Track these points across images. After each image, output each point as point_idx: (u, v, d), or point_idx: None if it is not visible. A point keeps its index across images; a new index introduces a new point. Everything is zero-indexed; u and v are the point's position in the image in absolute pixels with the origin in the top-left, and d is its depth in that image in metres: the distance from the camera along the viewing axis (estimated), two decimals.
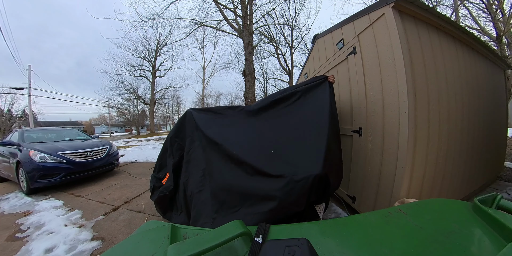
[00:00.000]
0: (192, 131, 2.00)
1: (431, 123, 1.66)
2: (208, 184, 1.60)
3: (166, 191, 1.94)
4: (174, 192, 1.93)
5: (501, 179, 3.18)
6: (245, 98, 7.38)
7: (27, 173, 3.15)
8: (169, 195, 1.93)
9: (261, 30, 14.21)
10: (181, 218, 1.79)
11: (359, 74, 2.00)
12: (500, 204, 0.69)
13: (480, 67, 2.41)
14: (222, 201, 1.43)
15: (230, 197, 1.41)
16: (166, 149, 2.21)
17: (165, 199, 1.96)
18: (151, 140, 12.26)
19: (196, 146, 1.90)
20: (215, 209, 1.43)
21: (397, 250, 0.55)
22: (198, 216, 1.48)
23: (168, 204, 1.98)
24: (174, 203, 1.95)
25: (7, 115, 20.23)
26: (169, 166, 2.08)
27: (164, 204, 1.99)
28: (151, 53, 20.07)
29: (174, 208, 1.95)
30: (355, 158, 2.13)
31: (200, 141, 1.87)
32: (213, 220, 1.38)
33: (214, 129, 1.86)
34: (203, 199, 1.54)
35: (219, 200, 1.45)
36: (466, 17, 9.35)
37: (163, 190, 1.96)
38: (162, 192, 1.95)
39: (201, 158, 1.79)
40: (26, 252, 1.71)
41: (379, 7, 1.66)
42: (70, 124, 48.77)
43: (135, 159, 6.28)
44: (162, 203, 1.99)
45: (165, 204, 1.98)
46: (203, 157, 1.78)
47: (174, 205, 1.95)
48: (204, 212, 1.47)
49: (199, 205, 1.54)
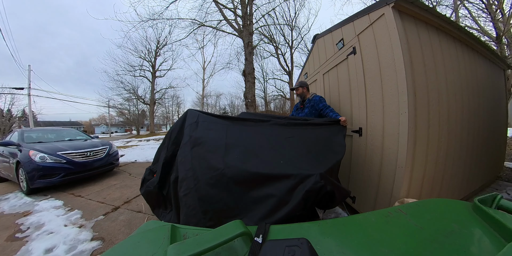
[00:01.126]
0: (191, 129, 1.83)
1: (431, 123, 1.66)
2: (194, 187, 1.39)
3: (151, 186, 1.85)
4: (160, 188, 1.81)
5: (501, 179, 3.18)
6: (245, 98, 7.38)
7: (27, 173, 3.15)
8: (153, 190, 1.82)
9: (261, 30, 14.24)
10: (169, 216, 1.67)
11: (359, 74, 2.00)
12: (500, 204, 0.69)
13: (480, 67, 2.41)
14: (218, 208, 1.27)
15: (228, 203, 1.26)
16: (165, 141, 2.09)
17: (152, 195, 1.87)
18: (151, 140, 12.26)
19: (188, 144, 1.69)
20: (208, 217, 1.27)
21: (397, 250, 0.55)
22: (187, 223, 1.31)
23: (155, 200, 1.88)
24: (162, 199, 1.84)
25: (7, 115, 20.20)
26: (161, 159, 1.96)
27: (152, 200, 1.91)
28: (151, 53, 20.09)
29: (161, 205, 1.85)
30: (355, 158, 2.13)
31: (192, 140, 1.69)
32: None
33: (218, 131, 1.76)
34: (189, 204, 1.36)
35: (213, 206, 1.28)
36: (466, 17, 9.35)
37: (149, 185, 1.88)
38: (148, 187, 1.88)
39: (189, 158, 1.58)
40: (26, 252, 1.71)
41: (379, 7, 1.66)
42: (70, 124, 48.76)
43: (135, 159, 6.28)
44: (149, 198, 1.92)
45: (152, 199, 1.90)
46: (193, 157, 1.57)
47: (161, 201, 1.85)
48: (194, 219, 1.29)
49: (185, 210, 1.37)
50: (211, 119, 1.97)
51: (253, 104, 7.31)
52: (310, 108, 2.40)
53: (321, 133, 1.76)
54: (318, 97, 2.36)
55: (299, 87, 2.53)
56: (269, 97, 23.89)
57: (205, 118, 1.96)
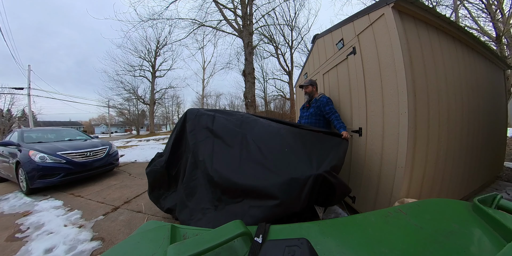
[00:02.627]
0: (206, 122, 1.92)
1: (431, 123, 1.66)
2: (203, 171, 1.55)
3: (158, 165, 1.85)
4: (167, 168, 1.83)
5: (500, 179, 3.18)
6: (245, 98, 7.38)
7: (27, 173, 3.15)
8: (160, 170, 1.83)
9: (261, 30, 14.25)
10: (172, 197, 1.73)
11: (359, 74, 2.00)
12: (499, 204, 0.69)
13: (479, 67, 2.42)
14: (224, 189, 1.40)
15: (231, 188, 1.37)
16: (175, 129, 2.11)
17: (157, 174, 1.87)
18: (151, 140, 12.25)
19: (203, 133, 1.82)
20: (217, 196, 1.40)
21: (397, 250, 0.55)
22: (199, 200, 1.45)
23: (158, 179, 1.89)
24: (166, 179, 1.86)
25: (6, 115, 20.20)
26: (169, 142, 1.98)
27: (155, 179, 1.91)
28: (151, 53, 20.08)
29: (164, 185, 1.87)
30: (355, 158, 2.13)
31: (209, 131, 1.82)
32: (216, 208, 1.36)
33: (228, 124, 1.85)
34: (202, 183, 1.51)
35: (220, 188, 1.41)
36: (466, 17, 9.37)
37: (156, 164, 1.88)
38: (155, 166, 1.88)
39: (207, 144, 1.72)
40: (26, 253, 1.71)
41: (378, 7, 1.66)
42: (69, 124, 48.74)
43: (135, 159, 6.27)
44: (153, 177, 1.92)
45: (156, 179, 1.90)
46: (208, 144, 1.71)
47: (165, 181, 1.86)
48: (205, 197, 1.44)
49: (198, 188, 1.51)
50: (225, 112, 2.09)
51: (253, 104, 7.31)
52: (316, 108, 2.32)
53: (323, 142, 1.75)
54: (326, 98, 2.27)
55: (309, 85, 2.43)
56: (269, 97, 23.88)
57: (220, 112, 2.06)
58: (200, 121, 1.90)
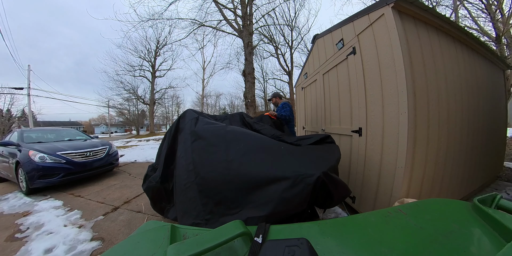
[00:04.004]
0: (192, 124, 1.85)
1: (431, 123, 1.66)
2: (195, 180, 1.43)
3: (153, 181, 1.84)
4: (162, 183, 1.81)
5: (500, 179, 3.19)
6: (245, 98, 7.38)
7: (27, 173, 3.14)
8: (156, 185, 1.82)
9: (261, 30, 14.24)
10: (174, 210, 1.67)
11: (358, 74, 2.00)
12: (499, 204, 0.69)
13: (479, 67, 2.42)
14: (217, 201, 1.31)
15: (227, 196, 1.29)
16: (165, 137, 2.08)
17: (154, 190, 1.87)
18: (151, 140, 12.25)
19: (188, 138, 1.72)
20: (208, 209, 1.30)
21: (397, 250, 0.55)
22: (187, 216, 1.36)
23: (157, 194, 1.88)
24: (164, 194, 1.84)
25: (6, 115, 20.18)
26: (162, 154, 1.96)
27: (154, 195, 1.91)
28: (151, 53, 20.11)
29: (165, 199, 1.85)
30: (354, 158, 2.13)
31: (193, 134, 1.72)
32: (207, 222, 1.27)
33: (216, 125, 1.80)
34: (191, 197, 1.39)
35: (212, 199, 1.32)
36: (466, 18, 9.36)
37: (151, 180, 1.88)
38: (150, 182, 1.88)
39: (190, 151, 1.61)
40: (26, 253, 1.71)
41: (378, 7, 1.66)
42: (69, 124, 48.72)
43: (135, 159, 6.27)
44: (151, 193, 1.92)
45: (154, 194, 1.90)
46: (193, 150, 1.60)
47: (164, 196, 1.84)
48: (194, 212, 1.33)
49: (186, 202, 1.40)
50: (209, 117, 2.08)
51: (253, 104, 7.31)
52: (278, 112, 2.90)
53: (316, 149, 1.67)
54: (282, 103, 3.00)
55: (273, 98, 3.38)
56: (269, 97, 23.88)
57: (204, 115, 2.05)
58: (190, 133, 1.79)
